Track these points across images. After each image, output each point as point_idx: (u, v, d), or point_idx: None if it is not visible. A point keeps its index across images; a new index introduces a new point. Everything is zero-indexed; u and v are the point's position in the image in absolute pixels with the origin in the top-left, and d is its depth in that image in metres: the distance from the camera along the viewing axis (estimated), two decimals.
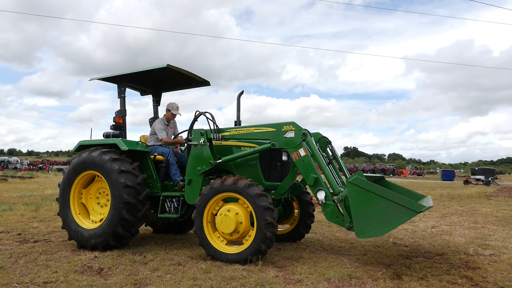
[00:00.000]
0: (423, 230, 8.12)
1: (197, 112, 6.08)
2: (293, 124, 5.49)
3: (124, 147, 6.05)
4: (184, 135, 6.79)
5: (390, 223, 4.60)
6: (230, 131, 5.98)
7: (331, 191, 5.26)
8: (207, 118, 6.00)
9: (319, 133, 6.24)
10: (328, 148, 6.21)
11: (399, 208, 4.48)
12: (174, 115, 6.95)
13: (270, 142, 5.57)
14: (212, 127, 5.96)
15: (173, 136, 7.06)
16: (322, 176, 5.34)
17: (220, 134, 5.96)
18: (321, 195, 5.22)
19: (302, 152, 5.36)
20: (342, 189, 5.28)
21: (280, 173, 6.14)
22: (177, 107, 6.92)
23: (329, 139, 6.21)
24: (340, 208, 5.12)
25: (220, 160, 5.79)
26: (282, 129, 5.53)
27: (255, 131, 5.77)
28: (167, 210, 6.12)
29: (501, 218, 10.19)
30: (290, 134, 5.47)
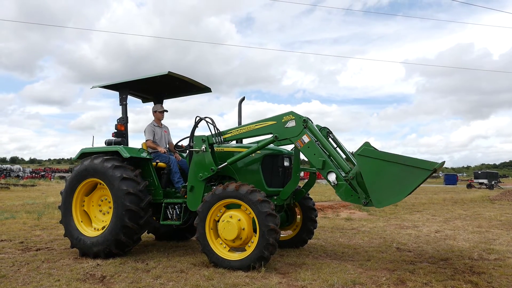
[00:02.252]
0: (426, 235, 8.08)
1: (197, 118, 6.09)
2: (292, 113, 5.47)
3: (126, 154, 6.06)
4: (185, 142, 6.82)
5: (407, 187, 4.56)
6: (232, 132, 5.94)
7: (341, 172, 5.20)
8: (207, 122, 6.00)
9: (318, 125, 6.20)
10: (330, 138, 6.15)
11: (412, 170, 4.44)
12: (162, 113, 7.10)
13: (273, 135, 5.55)
14: (213, 131, 5.96)
15: (168, 144, 7.16)
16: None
17: (222, 137, 5.95)
18: (331, 176, 5.17)
19: (305, 138, 5.33)
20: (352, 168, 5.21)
21: (282, 179, 6.12)
22: (161, 106, 7.17)
23: (330, 129, 6.15)
24: (353, 185, 5.07)
25: (223, 165, 5.76)
26: (283, 120, 5.50)
27: (256, 127, 5.74)
28: (170, 217, 6.11)
29: (505, 222, 10.13)
30: (291, 124, 5.45)
